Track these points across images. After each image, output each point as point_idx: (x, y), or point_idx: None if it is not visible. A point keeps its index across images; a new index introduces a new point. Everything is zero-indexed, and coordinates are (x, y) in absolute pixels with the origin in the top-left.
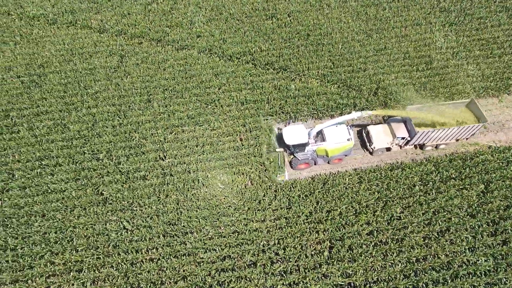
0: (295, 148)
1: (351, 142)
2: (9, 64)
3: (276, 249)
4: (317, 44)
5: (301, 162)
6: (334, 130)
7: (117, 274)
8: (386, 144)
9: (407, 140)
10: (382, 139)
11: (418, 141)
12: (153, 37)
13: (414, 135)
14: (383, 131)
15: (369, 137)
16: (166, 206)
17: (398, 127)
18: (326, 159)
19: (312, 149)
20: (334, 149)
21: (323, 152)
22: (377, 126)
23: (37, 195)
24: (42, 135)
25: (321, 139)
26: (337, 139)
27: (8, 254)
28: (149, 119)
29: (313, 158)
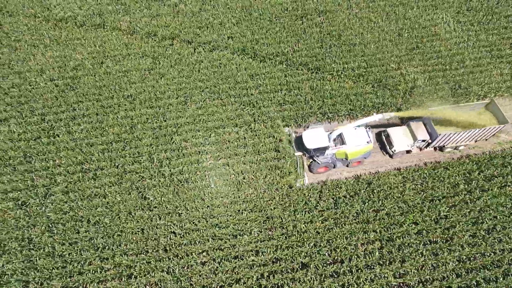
0: (316, 152)
1: (370, 145)
2: (41, 67)
3: (328, 250)
4: (350, 44)
5: (321, 166)
6: (354, 133)
7: (169, 279)
8: (407, 147)
9: (428, 142)
10: (402, 141)
11: (439, 143)
12: (184, 38)
13: (435, 137)
14: (403, 133)
15: (389, 139)
16: (214, 209)
17: (419, 129)
18: (345, 162)
19: (332, 153)
20: (354, 152)
21: (343, 155)
22: (396, 129)
23: (81, 200)
24: (81, 138)
25: (340, 142)
26: (356, 142)
27: (57, 261)
28: (188, 121)
29: (333, 161)
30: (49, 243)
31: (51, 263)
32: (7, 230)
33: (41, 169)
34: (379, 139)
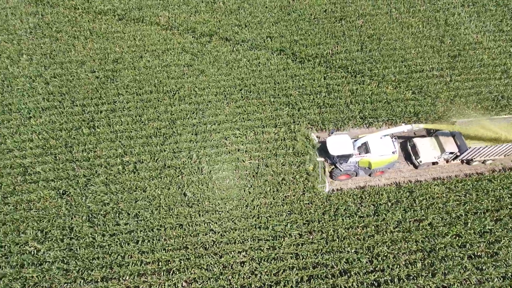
0: (339, 159)
1: (395, 155)
2: (82, 59)
3: (368, 258)
4: (390, 48)
5: (343, 173)
6: (379, 142)
7: (209, 276)
8: (434, 159)
9: (456, 155)
10: (429, 153)
11: (467, 156)
12: (223, 36)
13: (464, 150)
14: (431, 144)
15: (416, 150)
16: (254, 209)
17: (447, 141)
18: (368, 171)
19: (355, 160)
20: (378, 162)
21: (366, 163)
22: (423, 139)
23: (121, 192)
24: (121, 131)
25: (364, 151)
26: (381, 151)
27: (98, 251)
28: (227, 118)
29: (356, 169)
30: (90, 234)
31: (91, 253)
32: (48, 218)
33: (81, 159)
34: (404, 149)
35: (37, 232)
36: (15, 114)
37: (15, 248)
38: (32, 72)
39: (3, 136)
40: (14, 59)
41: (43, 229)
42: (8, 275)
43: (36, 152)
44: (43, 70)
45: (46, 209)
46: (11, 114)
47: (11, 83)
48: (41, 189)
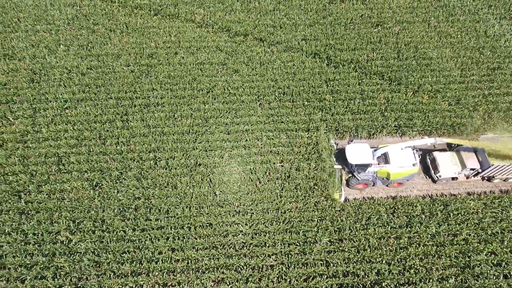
0: (357, 167)
1: (416, 168)
2: (118, 52)
3: (401, 270)
4: (427, 57)
5: (360, 183)
6: (400, 154)
7: (238, 278)
8: (454, 174)
9: (478, 171)
10: (449, 168)
11: (489, 173)
12: (257, 36)
13: (487, 167)
14: (451, 159)
15: (435, 164)
16: (285, 213)
17: (469, 157)
18: (386, 182)
19: (374, 170)
20: (397, 173)
21: (385, 174)
22: (444, 154)
23: (153, 187)
24: (154, 126)
25: (384, 161)
26: (401, 163)
27: (129, 245)
28: (260, 120)
29: (373, 179)
30: (121, 227)
31: (122, 247)
32: (81, 209)
33: (114, 152)
34: (423, 162)
35: (70, 223)
36: (52, 103)
37: (48, 237)
38: (69, 63)
39: (38, 125)
40: (52, 49)
41: (76, 220)
42: (40, 263)
43: (70, 142)
44: (80, 62)
45: (79, 200)
46: (48, 104)
47: (48, 72)
48: (74, 179)
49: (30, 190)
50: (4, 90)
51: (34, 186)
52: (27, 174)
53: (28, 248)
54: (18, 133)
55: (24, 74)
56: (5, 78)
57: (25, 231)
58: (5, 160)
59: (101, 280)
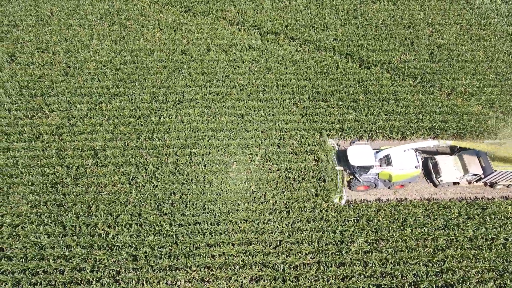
0: (359, 169)
1: (418, 170)
2: (151, 48)
3: (439, 272)
4: (461, 60)
5: (362, 185)
6: (402, 156)
7: (276, 275)
8: (455, 179)
9: (480, 177)
10: (451, 172)
11: (492, 179)
12: (288, 35)
13: (490, 173)
14: (454, 164)
15: (437, 168)
16: (322, 212)
17: (471, 162)
18: (388, 184)
19: (375, 172)
20: (399, 175)
21: (387, 176)
22: (446, 158)
23: (188, 183)
24: (188, 122)
25: (386, 163)
26: (403, 165)
27: (167, 240)
28: (294, 118)
29: (375, 181)
30: (158, 222)
31: (160, 241)
32: (118, 203)
33: (150, 147)
34: (424, 165)
35: (107, 216)
36: (86, 97)
37: (86, 230)
38: (102, 58)
39: (73, 118)
40: (85, 43)
41: (113, 213)
42: (78, 255)
43: (106, 136)
44: (114, 56)
45: (116, 194)
46: (82, 97)
47: (82, 66)
48: (111, 173)
49: (67, 182)
50: (39, 83)
51: (71, 179)
52: (63, 167)
53: (66, 240)
54: (54, 125)
55: (59, 67)
56: (39, 71)
57: (63, 223)
58: (42, 152)
59: (139, 274)
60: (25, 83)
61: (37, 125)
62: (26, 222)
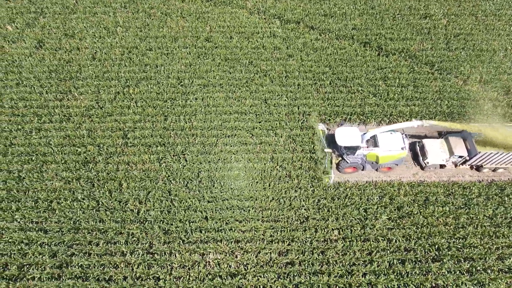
0: (346, 150)
1: (404, 151)
2: (175, 35)
3: (461, 247)
4: (477, 49)
5: (349, 166)
6: (389, 137)
7: (303, 249)
8: (441, 161)
9: (465, 159)
10: (437, 155)
11: (477, 162)
12: (308, 24)
13: (474, 155)
14: (440, 146)
15: (424, 151)
16: (346, 190)
17: (457, 144)
18: (375, 166)
19: (363, 154)
20: (386, 157)
21: (374, 158)
22: (433, 141)
23: (215, 162)
24: (214, 106)
25: (373, 145)
26: (390, 147)
27: (197, 215)
28: (316, 103)
29: (362, 162)
30: (188, 198)
31: (190, 217)
32: (149, 180)
33: (177, 128)
34: (412, 149)
35: (139, 192)
36: (114, 81)
37: (118, 206)
38: (128, 44)
39: (102, 100)
40: (111, 30)
41: (144, 190)
42: (113, 229)
43: (134, 118)
44: (139, 43)
45: (146, 172)
46: (110, 81)
47: (109, 52)
48: (140, 152)
49: (98, 161)
50: (68, 67)
51: (103, 158)
52: (95, 146)
53: (100, 215)
54: (84, 107)
55: (86, 53)
56: (67, 56)
57: (97, 198)
58: (74, 132)
59: (171, 246)
60: (53, 67)
61: (67, 107)
62: (60, 198)
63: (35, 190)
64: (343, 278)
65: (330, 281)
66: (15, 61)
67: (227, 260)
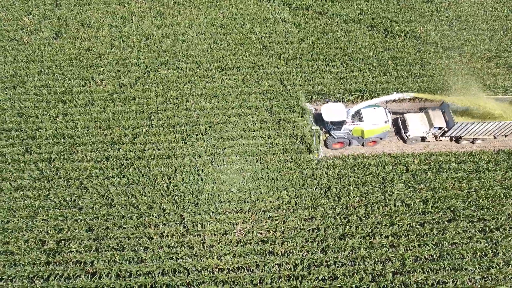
0: (333, 125)
1: (388, 125)
2: (190, 22)
3: (475, 209)
4: (478, 29)
5: (336, 141)
6: (372, 111)
7: (327, 215)
8: (422, 133)
9: (444, 131)
10: (418, 127)
11: (455, 133)
12: (316, 10)
13: (452, 126)
14: (420, 120)
15: (405, 124)
16: (364, 158)
17: (436, 116)
18: (361, 141)
19: (349, 129)
20: (371, 130)
21: (359, 132)
22: (414, 114)
23: (239, 139)
24: (233, 87)
25: (358, 119)
26: (374, 120)
27: (225, 188)
28: (330, 82)
29: (349, 138)
30: (214, 172)
31: (218, 190)
32: (175, 157)
33: (199, 109)
34: (395, 124)
35: (167, 169)
36: (134, 67)
37: (149, 182)
38: (145, 31)
39: (124, 86)
40: (127, 19)
41: (172, 167)
42: (145, 203)
43: (157, 100)
44: (156, 30)
45: (172, 150)
46: (130, 67)
47: (127, 39)
48: (165, 132)
49: (125, 142)
50: (88, 55)
51: (129, 139)
52: (120, 128)
53: (131, 191)
54: (107, 92)
55: (105, 41)
56: (87, 44)
57: (127, 176)
58: (99, 115)
59: (202, 217)
60: (74, 55)
61: (90, 92)
62: (92, 176)
63: (66, 170)
64: (366, 239)
65: (355, 243)
66: (34, 51)
67: (257, 228)
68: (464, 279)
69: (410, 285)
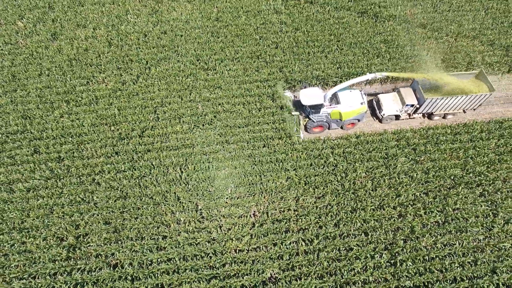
0: (311, 109)
1: (364, 106)
2: (185, 18)
3: (472, 176)
4: (462, 10)
5: (316, 125)
6: (348, 94)
7: (336, 193)
8: (395, 112)
9: (416, 107)
10: (391, 106)
11: (426, 109)
12: (308, 0)
13: (423, 102)
14: (393, 99)
15: (379, 104)
16: (368, 137)
17: (408, 94)
18: (340, 123)
19: (327, 112)
20: (348, 112)
21: (337, 115)
22: (387, 94)
23: (246, 125)
24: (234, 77)
25: (335, 102)
26: (350, 103)
27: (238, 172)
28: (328, 67)
29: (328, 121)
30: (224, 159)
31: (230, 175)
32: (185, 146)
33: (203, 100)
34: (371, 106)
35: (178, 159)
36: (135, 64)
37: (161, 172)
38: (143, 29)
39: (126, 82)
40: (122, 18)
41: (182, 156)
42: (160, 192)
43: (161, 94)
44: (152, 27)
45: (180, 141)
46: (131, 64)
47: (125, 38)
48: (172, 124)
49: (133, 136)
50: (87, 54)
51: (137, 133)
52: (127, 123)
53: (144, 182)
54: (110, 89)
55: (103, 40)
56: (84, 44)
57: (138, 168)
58: (105, 112)
59: (217, 202)
60: (73, 56)
61: (93, 90)
62: (104, 171)
63: (77, 167)
64: (376, 212)
65: (366, 216)
66: (32, 53)
67: (271, 209)
68: (469, 240)
69: (420, 249)
